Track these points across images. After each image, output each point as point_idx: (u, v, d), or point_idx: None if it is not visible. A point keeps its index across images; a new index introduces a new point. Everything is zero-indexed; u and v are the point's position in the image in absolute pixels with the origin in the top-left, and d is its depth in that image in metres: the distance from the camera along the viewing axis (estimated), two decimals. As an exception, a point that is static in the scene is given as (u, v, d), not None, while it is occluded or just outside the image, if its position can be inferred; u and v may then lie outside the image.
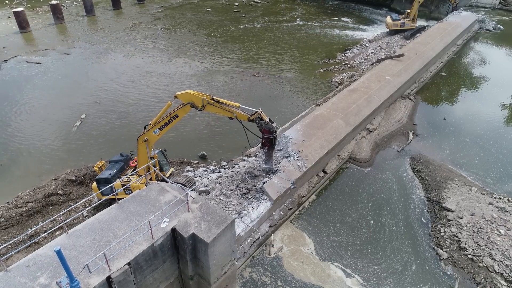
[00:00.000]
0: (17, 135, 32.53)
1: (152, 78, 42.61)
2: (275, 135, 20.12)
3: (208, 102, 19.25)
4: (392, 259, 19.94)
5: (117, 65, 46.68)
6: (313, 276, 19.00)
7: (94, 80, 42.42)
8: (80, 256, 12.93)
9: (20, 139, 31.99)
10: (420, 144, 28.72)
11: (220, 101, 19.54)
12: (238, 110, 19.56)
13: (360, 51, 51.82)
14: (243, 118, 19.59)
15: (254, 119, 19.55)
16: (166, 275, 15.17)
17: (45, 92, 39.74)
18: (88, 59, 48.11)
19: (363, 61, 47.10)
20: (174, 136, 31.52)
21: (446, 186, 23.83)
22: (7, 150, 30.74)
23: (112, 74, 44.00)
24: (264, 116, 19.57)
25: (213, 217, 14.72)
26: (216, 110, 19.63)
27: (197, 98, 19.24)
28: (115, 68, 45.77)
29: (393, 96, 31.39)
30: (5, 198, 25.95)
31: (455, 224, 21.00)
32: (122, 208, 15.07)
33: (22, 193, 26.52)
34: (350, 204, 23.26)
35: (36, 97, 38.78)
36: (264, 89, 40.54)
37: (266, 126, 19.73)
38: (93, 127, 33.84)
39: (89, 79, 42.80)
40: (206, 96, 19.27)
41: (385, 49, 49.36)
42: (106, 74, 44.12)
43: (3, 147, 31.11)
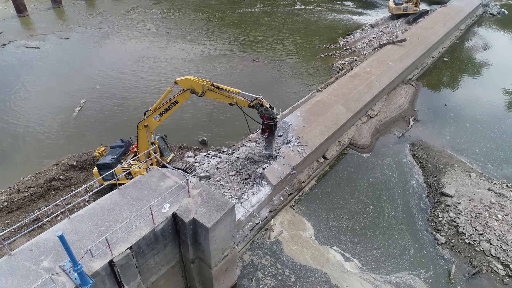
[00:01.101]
0: (17, 121, 32.57)
1: (151, 63, 42.32)
2: (276, 121, 20.10)
3: (208, 88, 19.19)
4: (390, 244, 20.20)
5: (116, 50, 46.31)
6: (312, 259, 19.29)
7: (93, 65, 42.18)
8: (82, 240, 13.09)
9: (20, 125, 32.05)
10: (420, 130, 28.71)
11: (220, 87, 19.47)
12: (238, 96, 19.51)
13: (362, 36, 51.26)
14: (243, 104, 19.55)
15: (255, 105, 19.51)
16: (167, 259, 15.40)
17: (44, 77, 39.57)
18: (87, 43, 47.71)
19: (365, 46, 46.63)
20: (174, 122, 31.50)
21: (445, 172, 23.93)
22: (7, 136, 30.83)
23: (111, 59, 43.68)
24: (264, 102, 19.52)
25: (213, 203, 14.84)
26: (216, 96, 19.58)
27: (197, 84, 19.17)
28: (114, 53, 45.42)
29: (394, 81, 31.20)
30: (7, 183, 26.14)
31: (454, 209, 21.18)
32: (123, 193, 15.19)
33: (23, 178, 26.70)
34: (349, 190, 23.41)
35: (35, 82, 38.64)
36: (264, 74, 40.28)
37: (267, 112, 19.70)
38: (93, 112, 33.83)
39: (88, 64, 42.53)
40: (206, 82, 19.20)
41: (387, 33, 48.79)
42: (105, 59, 43.80)
43: (3, 133, 31.19)
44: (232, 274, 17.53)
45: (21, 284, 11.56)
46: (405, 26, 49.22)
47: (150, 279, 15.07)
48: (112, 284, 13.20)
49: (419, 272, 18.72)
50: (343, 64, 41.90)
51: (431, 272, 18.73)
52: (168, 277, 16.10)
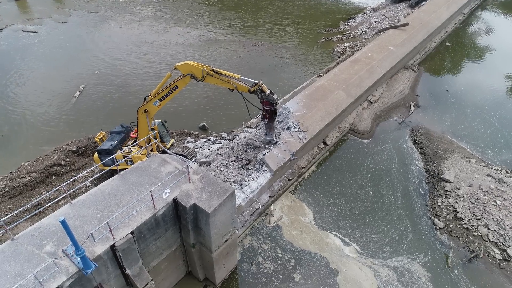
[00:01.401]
0: (16, 106, 32.44)
1: (150, 48, 41.87)
2: (276, 107, 20.03)
3: (208, 73, 19.06)
4: (389, 229, 20.40)
5: (114, 34, 45.74)
6: (311, 244, 19.52)
7: (91, 49, 41.72)
8: (84, 225, 13.22)
9: (20, 110, 31.93)
10: (421, 115, 28.62)
11: (220, 72, 19.33)
12: (238, 81, 19.38)
13: (363, 20, 50.55)
14: (243, 90, 19.45)
15: (255, 90, 19.41)
16: (168, 244, 15.60)
17: (43, 62, 39.22)
18: (85, 28, 47.06)
19: (367, 30, 46.04)
20: (174, 107, 31.40)
21: (445, 158, 23.98)
22: (7, 121, 30.75)
23: (110, 43, 43.19)
24: (264, 88, 19.41)
25: (214, 188, 14.92)
26: (216, 82, 19.46)
27: (197, 69, 19.03)
28: (113, 37, 44.88)
29: (395, 67, 30.93)
30: (8, 169, 26.21)
31: (453, 194, 21.31)
32: (124, 179, 15.26)
33: (24, 163, 26.76)
34: (349, 175, 23.51)
35: (34, 67, 38.31)
36: (265, 59, 39.89)
37: (267, 98, 19.62)
38: (92, 97, 33.66)
39: (87, 48, 42.07)
40: (206, 67, 19.04)
41: (389, 17, 48.10)
42: (103, 43, 43.31)
43: (3, 118, 31.10)
44: (233, 258, 17.77)
45: (25, 268, 11.73)
46: (408, 10, 48.41)
47: (151, 263, 15.30)
48: (114, 268, 13.42)
49: (417, 257, 18.97)
50: (344, 48, 41.47)
51: (429, 256, 18.98)
52: (169, 261, 16.34)
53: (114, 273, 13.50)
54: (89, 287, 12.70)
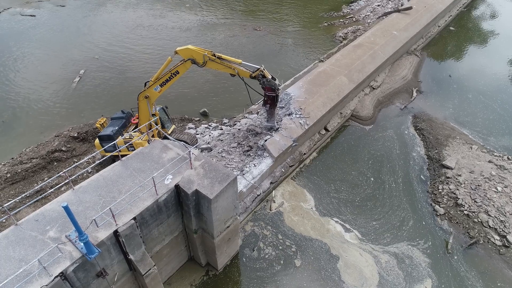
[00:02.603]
0: (16, 92, 32.20)
1: (151, 32, 41.31)
2: (278, 93, 19.85)
3: (209, 58, 18.80)
4: (390, 215, 20.49)
5: (114, 18, 45.08)
6: (313, 230, 19.64)
7: (90, 34, 41.19)
8: (87, 211, 13.25)
9: (20, 96, 31.71)
10: (423, 101, 28.43)
11: (222, 57, 19.08)
12: (240, 66, 19.14)
13: (366, 4, 49.75)
14: (245, 75, 19.23)
15: (256, 76, 19.19)
16: (170, 229, 15.68)
17: (42, 47, 38.75)
18: (84, 11, 46.37)
19: (369, 14, 45.35)
20: (175, 93, 31.17)
21: (447, 144, 23.92)
22: (7, 107, 30.55)
23: (109, 27, 42.61)
24: (266, 73, 19.20)
25: (215, 174, 14.91)
26: (218, 67, 19.22)
27: (198, 54, 18.76)
28: (112, 21, 44.25)
29: (398, 51, 30.55)
30: (9, 155, 26.20)
31: (454, 181, 21.33)
32: (126, 165, 15.23)
33: (26, 149, 26.73)
34: (350, 162, 23.49)
35: (33, 52, 37.87)
36: (266, 44, 39.38)
37: (269, 84, 19.42)
38: (92, 83, 33.38)
39: (86, 33, 41.52)
40: (207, 52, 18.78)
41: (392, 1, 47.28)
42: (103, 27, 42.71)
43: (3, 104, 30.90)
44: (234, 244, 17.91)
45: (29, 253, 11.81)
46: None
47: (154, 249, 15.41)
48: (117, 253, 13.52)
49: (417, 243, 19.11)
50: (346, 33, 40.91)
51: (429, 242, 19.11)
52: (172, 247, 16.46)
53: (117, 258, 13.62)
54: (93, 272, 12.81)
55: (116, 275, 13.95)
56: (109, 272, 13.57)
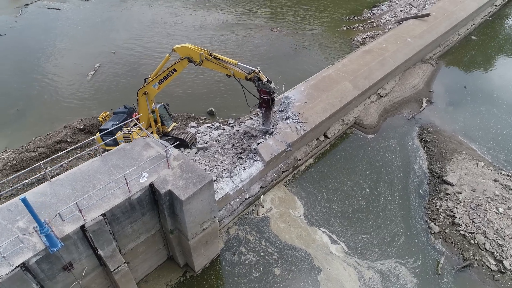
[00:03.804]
0: (33, 82, 33.36)
1: (166, 29, 41.82)
2: (273, 96, 19.52)
3: (206, 58, 18.74)
4: (381, 229, 19.65)
5: (134, 14, 46.05)
6: (298, 239, 19.11)
7: (110, 29, 42.22)
8: (58, 204, 13.36)
9: (36, 86, 32.82)
10: (433, 112, 27.14)
11: (218, 57, 18.98)
12: (235, 67, 18.97)
13: (388, 9, 48.40)
14: (240, 76, 19.05)
15: (252, 78, 18.95)
16: (146, 228, 15.60)
17: (63, 40, 40.07)
18: (106, 7, 47.59)
19: (391, 19, 43.99)
20: (184, 91, 31.40)
21: (451, 159, 22.72)
22: (23, 96, 31.65)
23: (129, 24, 43.53)
24: (262, 76, 18.90)
25: (191, 176, 14.72)
26: (214, 67, 19.13)
27: (195, 52, 18.76)
28: (133, 17, 45.21)
29: (411, 59, 29.34)
30: (20, 142, 27.11)
31: (453, 198, 20.22)
32: (105, 160, 15.30)
33: (35, 138, 27.60)
34: (347, 171, 22.72)
35: (54, 44, 39.19)
36: (280, 46, 38.93)
37: (264, 86, 19.14)
38: (106, 77, 34.12)
39: (106, 28, 42.59)
40: (204, 51, 18.74)
41: (416, 7, 45.69)
42: (123, 23, 43.70)
43: (20, 93, 32.05)
44: (214, 247, 17.65)
45: (-7, 241, 11.98)
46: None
47: (128, 246, 15.37)
48: (85, 248, 13.55)
49: (406, 261, 18.21)
50: (365, 38, 39.85)
51: (419, 262, 18.17)
52: (148, 245, 16.39)
53: (85, 253, 13.64)
54: (58, 264, 12.88)
55: (84, 270, 13.98)
56: (77, 266, 13.64)
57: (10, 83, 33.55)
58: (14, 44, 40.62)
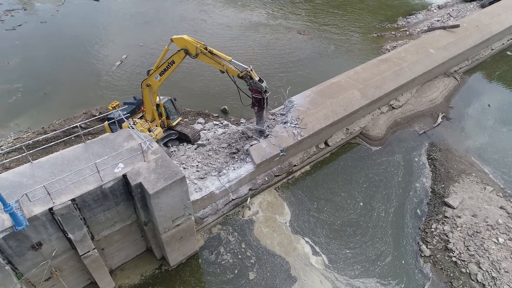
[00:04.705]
0: (63, 68, 35.30)
1: (195, 26, 42.69)
2: (264, 96, 19.34)
3: (201, 51, 18.90)
4: (368, 246, 18.76)
5: (167, 9, 47.50)
6: (279, 246, 18.70)
7: (142, 22, 43.88)
8: (34, 185, 13.86)
9: (64, 72, 34.64)
10: (447, 129, 25.51)
11: (213, 52, 19.10)
12: (229, 64, 18.99)
13: (425, 18, 46.37)
14: (233, 73, 19.05)
15: (244, 76, 18.86)
16: (121, 217, 15.89)
17: (97, 30, 42.25)
18: (142, 0, 49.48)
19: (425, 28, 42.06)
20: (202, 87, 31.80)
21: (457, 180, 21.25)
22: (52, 81, 33.52)
23: (160, 18, 44.99)
24: (253, 74, 18.78)
25: (164, 171, 14.83)
26: (208, 61, 19.28)
27: (191, 45, 19.01)
28: (165, 12, 46.69)
29: (432, 71, 27.75)
30: (42, 124, 28.73)
31: (451, 222, 18.89)
32: (87, 148, 15.80)
33: (55, 121, 29.11)
34: (342, 182, 21.91)
35: (88, 33, 41.32)
36: (306, 49, 38.41)
37: (255, 85, 19.01)
38: (131, 68, 35.39)
39: (138, 21, 44.33)
40: (200, 44, 18.95)
41: (454, 17, 43.40)
42: (154, 17, 45.23)
43: (50, 78, 33.99)
44: (190, 244, 17.66)
45: (-35, 215, 12.68)
46: (478, 11, 43.18)
47: (102, 233, 15.71)
48: (55, 230, 13.98)
49: (388, 282, 17.25)
50: (394, 46, 38.39)
51: (402, 285, 17.14)
52: (124, 234, 16.68)
53: (55, 235, 14.08)
54: (27, 243, 13.40)
55: (54, 251, 14.45)
56: (47, 247, 14.13)
57: (43, 67, 35.69)
58: (53, 31, 43.21)
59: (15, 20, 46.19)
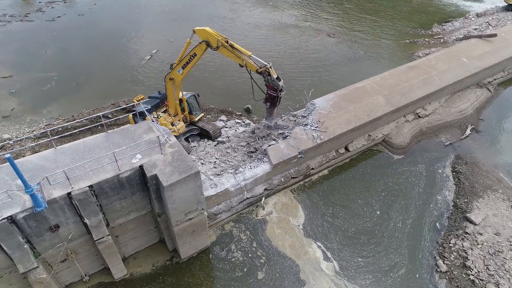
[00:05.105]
0: (96, 59, 36.66)
1: (223, 24, 43.19)
2: (279, 94, 19.36)
3: (222, 44, 19.10)
4: (382, 256, 18.29)
5: (198, 6, 48.28)
6: (290, 248, 18.57)
7: (174, 18, 45.13)
8: (56, 169, 14.45)
9: (96, 63, 35.92)
10: (476, 142, 24.47)
11: (234, 46, 19.28)
12: (248, 59, 19.11)
13: (462, 25, 44.79)
14: (252, 68, 19.19)
15: (263, 72, 18.94)
16: (136, 207, 16.27)
17: (131, 24, 43.59)
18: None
19: (461, 37, 40.62)
20: (227, 85, 32.18)
21: (482, 196, 20.35)
22: (84, 72, 34.89)
23: (191, 15, 45.85)
24: (272, 71, 18.84)
25: (180, 164, 15.05)
26: (228, 54, 19.47)
27: (213, 37, 19.26)
28: (195, 9, 47.52)
29: (463, 81, 26.71)
30: (72, 112, 29.93)
31: (471, 238, 18.12)
32: (108, 137, 16.29)
33: (84, 110, 30.20)
34: (360, 190, 21.47)
35: (122, 27, 42.78)
36: (334, 52, 38.00)
37: (272, 83, 19.13)
38: (159, 63, 36.29)
39: (171, 17, 45.55)
40: (222, 37, 19.17)
41: (494, 26, 41.69)
42: (186, 14, 46.26)
43: (82, 68, 35.38)
44: (202, 238, 17.84)
45: (-7, 193, 13.34)
46: (519, 21, 41.26)
47: (117, 220, 16.15)
48: (72, 214, 14.50)
49: (400, 295, 16.77)
50: (427, 54, 37.31)
51: (414, 298, 16.64)
52: (138, 224, 17.08)
53: (72, 219, 14.60)
54: (45, 224, 13.98)
55: (71, 234, 15.00)
56: (63, 230, 14.69)
57: (77, 58, 37.20)
58: (89, 24, 44.95)
59: (55, 12, 48.36)
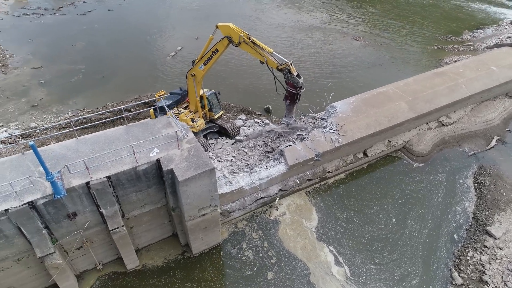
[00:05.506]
0: (122, 54, 37.55)
1: (248, 24, 43.38)
2: (299, 91, 19.30)
3: (244, 40, 19.23)
4: (395, 265, 17.95)
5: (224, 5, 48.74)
6: (301, 250, 18.48)
7: (201, 16, 45.70)
8: (76, 159, 14.92)
9: (123, 58, 36.82)
10: (501, 154, 23.61)
11: (256, 42, 19.37)
12: (270, 56, 19.15)
13: (494, 33, 43.26)
14: (273, 65, 19.23)
15: (283, 69, 18.96)
16: (151, 199, 16.57)
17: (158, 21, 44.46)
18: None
19: (492, 45, 39.28)
20: (249, 85, 32.29)
21: (504, 209, 19.63)
22: (112, 65, 35.82)
23: (218, 13, 46.21)
24: (292, 69, 18.83)
25: (196, 160, 15.23)
26: (250, 50, 19.58)
27: (235, 33, 19.43)
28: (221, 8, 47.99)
29: (491, 90, 25.81)
30: (97, 104, 30.76)
31: (490, 253, 17.52)
32: (128, 130, 16.67)
33: (109, 103, 30.99)
34: (376, 196, 21.11)
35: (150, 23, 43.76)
36: (359, 56, 37.46)
37: (292, 80, 19.12)
38: (183, 59, 36.79)
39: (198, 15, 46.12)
40: (244, 33, 19.31)
41: (529, 35, 40.09)
42: (214, 12, 46.69)
43: (109, 62, 36.32)
44: (214, 235, 17.99)
45: (15, 178, 13.89)
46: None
47: (132, 212, 16.51)
48: (89, 203, 14.93)
49: (411, 305, 16.42)
50: (455, 61, 36.19)
51: (426, 310, 16.25)
52: (153, 217, 17.40)
53: (89, 208, 15.03)
54: (64, 211, 14.45)
55: (87, 223, 15.45)
56: (80, 218, 15.13)
57: (104, 52, 38.21)
58: (118, 19, 46.12)
59: (86, 6, 49.82)
